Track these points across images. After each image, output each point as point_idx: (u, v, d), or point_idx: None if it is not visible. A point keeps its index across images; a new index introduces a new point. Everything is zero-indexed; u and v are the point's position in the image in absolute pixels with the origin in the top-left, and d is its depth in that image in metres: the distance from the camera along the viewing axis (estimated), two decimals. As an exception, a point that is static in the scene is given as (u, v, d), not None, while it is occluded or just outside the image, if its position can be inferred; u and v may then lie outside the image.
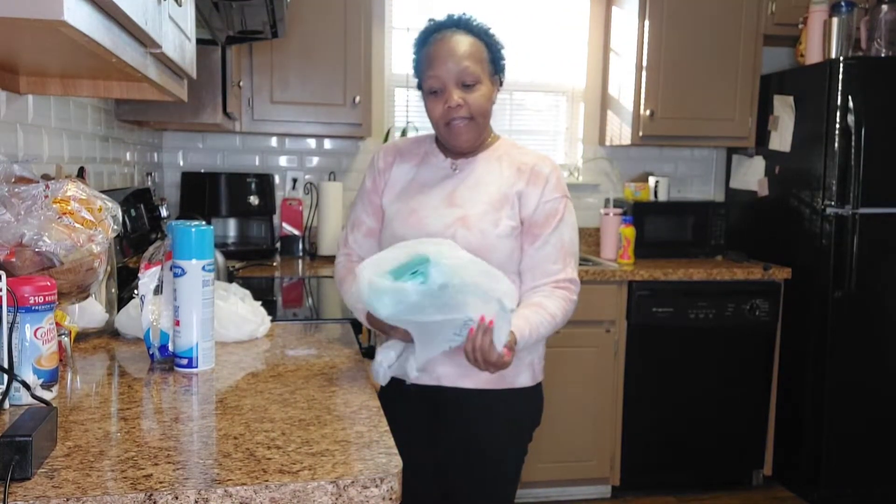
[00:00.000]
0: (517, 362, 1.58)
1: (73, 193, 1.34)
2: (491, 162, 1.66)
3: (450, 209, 1.61)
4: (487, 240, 1.57)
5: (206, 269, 1.37)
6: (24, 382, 1.10)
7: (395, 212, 1.66)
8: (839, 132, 2.98)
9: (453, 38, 1.60)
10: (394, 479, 0.93)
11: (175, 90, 1.50)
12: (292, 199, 3.38)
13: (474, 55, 1.59)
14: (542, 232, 1.61)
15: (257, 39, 2.63)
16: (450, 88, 1.58)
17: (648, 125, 3.33)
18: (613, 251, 3.35)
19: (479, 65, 1.59)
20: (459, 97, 1.57)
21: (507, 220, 1.59)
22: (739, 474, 3.29)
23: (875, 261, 3.01)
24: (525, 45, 3.62)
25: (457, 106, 1.57)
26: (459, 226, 1.58)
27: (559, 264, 1.62)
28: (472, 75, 1.58)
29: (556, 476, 3.11)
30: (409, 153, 1.72)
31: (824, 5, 3.18)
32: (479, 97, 1.59)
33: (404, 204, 1.66)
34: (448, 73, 1.57)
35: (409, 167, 1.70)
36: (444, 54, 1.58)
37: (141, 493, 0.85)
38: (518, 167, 1.64)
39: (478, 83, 1.59)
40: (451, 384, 1.61)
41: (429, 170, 1.69)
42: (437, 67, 1.58)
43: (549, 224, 1.61)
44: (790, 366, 3.21)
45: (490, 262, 1.52)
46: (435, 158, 1.69)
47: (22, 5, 0.79)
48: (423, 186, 1.66)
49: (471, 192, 1.62)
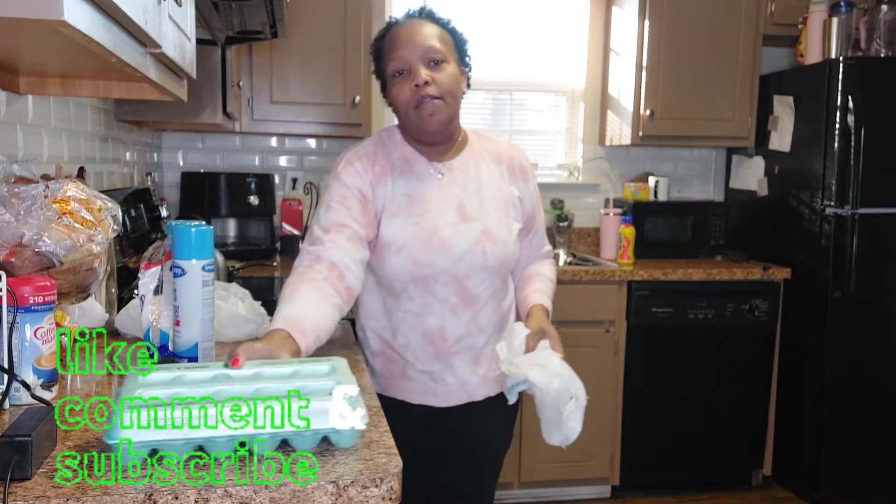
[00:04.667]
0: None
1: (72, 193, 1.34)
2: (474, 160, 1.61)
3: (467, 224, 1.55)
4: (508, 247, 1.60)
5: (206, 269, 1.36)
6: (24, 382, 1.10)
7: (410, 236, 1.52)
8: (839, 132, 2.98)
9: (416, 23, 1.54)
10: (394, 479, 0.93)
11: (175, 90, 1.50)
12: (292, 198, 3.38)
13: (439, 36, 1.52)
14: (533, 222, 1.71)
15: (257, 39, 2.63)
16: (416, 67, 1.48)
17: (648, 125, 3.33)
18: (613, 251, 3.35)
19: (445, 45, 1.52)
20: (427, 74, 1.47)
21: (516, 223, 1.63)
22: (739, 474, 3.29)
23: (875, 261, 3.01)
24: (525, 46, 3.62)
25: (424, 83, 1.47)
26: (486, 241, 1.55)
27: (545, 242, 1.78)
28: (440, 52, 1.50)
29: (556, 476, 3.11)
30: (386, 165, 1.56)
31: (824, 5, 3.18)
32: (448, 76, 1.50)
33: (415, 226, 1.53)
34: (414, 52, 1.48)
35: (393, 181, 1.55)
36: (407, 35, 1.51)
37: (141, 493, 0.85)
38: (506, 164, 1.63)
39: (444, 62, 1.50)
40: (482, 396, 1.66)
41: (415, 181, 1.56)
42: (402, 48, 1.49)
43: (537, 212, 1.72)
44: (790, 366, 3.22)
45: (509, 266, 1.65)
46: (418, 164, 1.58)
47: (22, 5, 0.79)
48: (425, 200, 1.55)
49: (478, 199, 1.58)
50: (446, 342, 1.58)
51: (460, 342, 1.59)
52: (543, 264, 1.76)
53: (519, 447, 3.04)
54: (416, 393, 1.63)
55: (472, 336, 1.60)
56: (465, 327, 1.58)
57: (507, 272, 1.66)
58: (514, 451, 3.04)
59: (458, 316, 1.57)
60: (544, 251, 1.78)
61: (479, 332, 1.60)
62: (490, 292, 1.60)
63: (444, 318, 1.56)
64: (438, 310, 1.56)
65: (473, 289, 1.56)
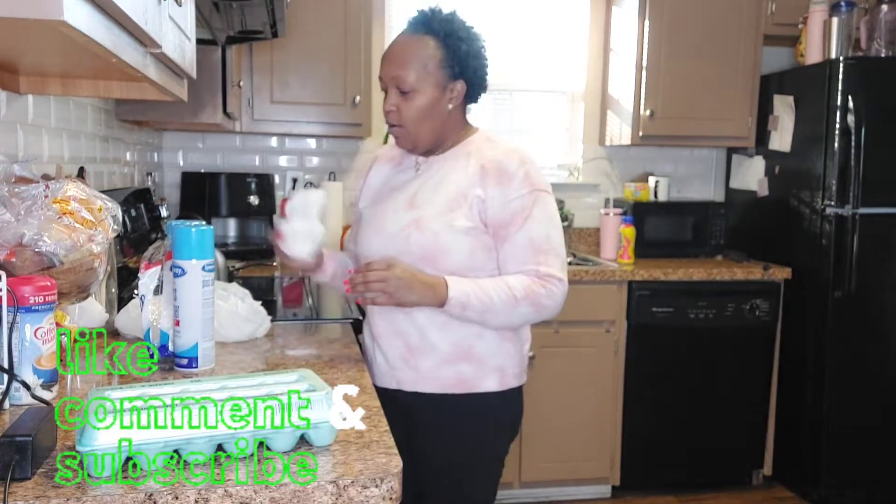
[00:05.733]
0: (480, 365, 1.56)
1: (73, 193, 1.34)
2: (459, 159, 1.59)
3: (408, 211, 1.57)
4: (440, 240, 1.51)
5: (206, 269, 1.37)
6: (24, 382, 1.10)
7: (366, 215, 1.68)
8: (839, 132, 2.98)
9: (402, 41, 1.57)
10: (394, 479, 0.93)
11: (175, 90, 1.50)
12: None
13: (417, 61, 1.53)
14: (507, 232, 1.53)
15: (257, 39, 2.63)
16: (390, 91, 1.57)
17: (648, 125, 3.33)
18: (613, 251, 3.35)
19: (420, 71, 1.53)
20: (393, 104, 1.56)
21: (464, 220, 1.52)
22: (739, 474, 3.29)
23: (875, 261, 3.01)
24: (525, 46, 3.62)
25: (388, 112, 1.57)
26: (413, 228, 1.53)
27: (530, 263, 1.52)
28: (407, 83, 1.53)
29: (556, 476, 3.11)
30: (388, 156, 1.74)
31: (824, 5, 3.18)
32: (412, 107, 1.54)
33: (375, 207, 1.66)
34: (387, 74, 1.57)
35: (385, 170, 1.72)
36: (391, 53, 1.57)
37: (141, 493, 0.85)
38: (483, 165, 1.55)
39: (413, 91, 1.53)
40: (410, 388, 1.59)
41: (401, 173, 1.67)
42: (382, 68, 1.58)
43: (514, 222, 1.52)
44: (790, 365, 3.21)
45: (446, 263, 1.51)
46: (407, 159, 1.67)
47: (22, 5, 0.79)
48: (393, 190, 1.65)
49: (431, 192, 1.57)
50: (377, 321, 1.62)
51: (389, 325, 1.59)
52: (518, 276, 1.53)
53: (519, 447, 3.04)
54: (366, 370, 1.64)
55: (400, 322, 1.57)
56: (390, 311, 1.56)
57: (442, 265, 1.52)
58: (514, 451, 3.04)
59: None
60: (529, 269, 1.53)
61: (407, 319, 1.56)
62: None
63: None
64: None
65: None
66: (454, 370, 1.55)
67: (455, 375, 1.55)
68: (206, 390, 1.03)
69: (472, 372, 1.55)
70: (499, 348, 1.58)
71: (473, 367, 1.56)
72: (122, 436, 0.89)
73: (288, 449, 0.98)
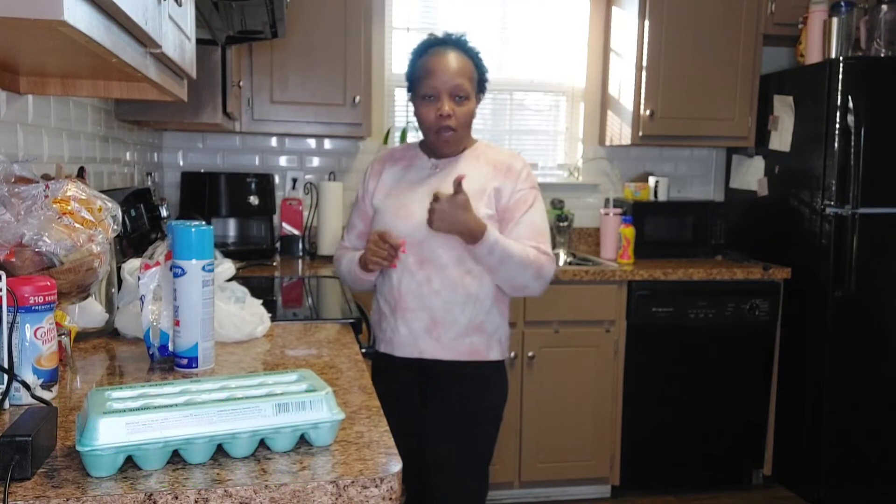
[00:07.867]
0: (488, 338, 1.87)
1: (73, 193, 1.34)
2: (470, 161, 1.90)
3: None
4: None
5: (206, 269, 1.37)
6: (24, 382, 1.10)
7: (387, 206, 1.90)
8: (839, 132, 2.98)
9: (450, 54, 1.82)
10: (394, 479, 0.93)
11: (175, 90, 1.50)
12: (292, 199, 3.38)
13: (466, 73, 1.82)
14: (514, 216, 1.85)
15: (257, 39, 2.63)
16: (443, 98, 1.81)
17: (648, 125, 3.33)
18: (613, 251, 3.35)
19: (469, 83, 1.83)
20: (450, 108, 1.81)
21: (485, 208, 1.83)
22: (739, 474, 3.29)
23: (875, 261, 3.02)
24: (525, 45, 3.63)
25: (447, 115, 1.80)
26: None
27: (532, 241, 1.84)
28: (465, 91, 1.82)
29: (556, 476, 3.11)
30: (399, 158, 1.98)
31: (824, 5, 3.18)
32: (466, 112, 1.84)
33: (395, 199, 1.90)
34: (444, 84, 1.80)
35: (398, 169, 1.96)
36: (441, 67, 1.80)
37: (141, 493, 0.85)
38: (494, 165, 1.88)
39: (466, 99, 1.83)
40: (431, 357, 1.86)
41: (415, 171, 1.93)
42: (435, 78, 1.80)
43: (519, 209, 1.86)
44: (790, 365, 3.22)
45: None
46: (420, 161, 1.94)
47: (22, 5, 0.79)
48: (411, 184, 1.91)
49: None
50: (406, 299, 1.86)
51: (414, 299, 1.85)
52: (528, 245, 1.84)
53: (519, 447, 3.04)
54: (383, 343, 1.94)
55: (427, 297, 1.84)
56: (419, 286, 1.84)
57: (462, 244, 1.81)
58: (514, 451, 3.05)
59: (414, 274, 1.85)
60: (532, 245, 1.84)
61: (433, 293, 1.83)
62: (450, 258, 1.82)
63: (401, 275, 1.86)
64: (399, 267, 1.87)
65: (429, 253, 1.83)
66: (469, 341, 1.86)
67: (469, 346, 1.86)
68: (206, 390, 1.03)
69: (482, 343, 1.87)
70: (499, 324, 1.91)
71: (483, 339, 1.87)
72: (122, 436, 0.89)
73: (288, 449, 0.99)
